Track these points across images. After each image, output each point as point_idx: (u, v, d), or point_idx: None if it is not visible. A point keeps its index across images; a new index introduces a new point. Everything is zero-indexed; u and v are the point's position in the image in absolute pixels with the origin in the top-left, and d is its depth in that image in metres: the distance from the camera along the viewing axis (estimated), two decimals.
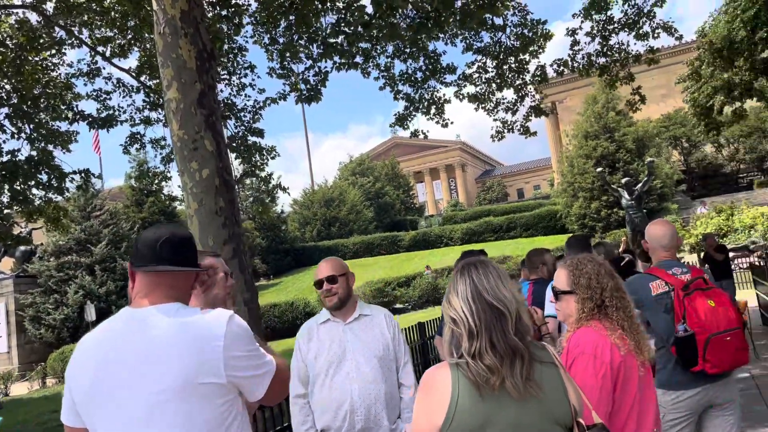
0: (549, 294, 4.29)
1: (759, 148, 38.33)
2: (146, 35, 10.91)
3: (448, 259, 31.74)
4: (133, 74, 12.11)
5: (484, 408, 1.59)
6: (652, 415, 2.25)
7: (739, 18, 15.29)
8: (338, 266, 3.10)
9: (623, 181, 16.57)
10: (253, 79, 14.53)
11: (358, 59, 12.33)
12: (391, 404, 2.98)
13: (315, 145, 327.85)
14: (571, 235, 4.66)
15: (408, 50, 12.54)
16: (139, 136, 12.68)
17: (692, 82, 18.00)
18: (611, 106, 32.39)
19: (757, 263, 11.45)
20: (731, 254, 21.14)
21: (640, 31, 12.20)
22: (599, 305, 2.25)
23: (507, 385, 1.59)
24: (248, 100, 13.52)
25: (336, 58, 10.40)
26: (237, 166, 13.79)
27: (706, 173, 40.50)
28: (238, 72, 12.74)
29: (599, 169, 19.46)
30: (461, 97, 13.62)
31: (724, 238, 22.58)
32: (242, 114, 13.05)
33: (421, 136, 13.83)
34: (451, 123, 13.58)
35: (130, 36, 11.64)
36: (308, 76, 11.51)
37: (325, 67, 11.04)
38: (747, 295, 12.38)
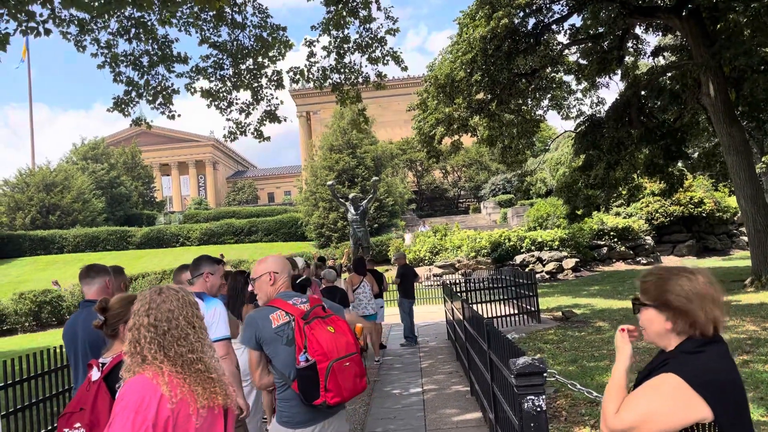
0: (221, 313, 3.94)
1: (476, 179, 43.85)
2: None
3: (182, 260, 30.02)
4: None
5: None
6: None
7: (460, 60, 17.05)
8: None
9: (351, 196, 17.29)
10: None
11: (72, 29, 11.05)
12: None
13: (48, 120, 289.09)
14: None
15: (134, 30, 11.53)
16: None
17: (420, 112, 19.62)
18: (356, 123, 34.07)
19: (448, 282, 12.66)
20: (440, 270, 23.64)
21: (372, 55, 12.78)
22: (141, 345, 1.97)
23: None
24: None
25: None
26: None
27: (433, 195, 45.05)
28: None
29: (329, 182, 20.12)
30: (192, 90, 12.90)
31: (437, 256, 25.10)
32: None
33: (144, 126, 12.86)
34: (179, 116, 12.86)
35: None
36: None
37: (5, 28, 9.34)
38: (438, 310, 13.67)
